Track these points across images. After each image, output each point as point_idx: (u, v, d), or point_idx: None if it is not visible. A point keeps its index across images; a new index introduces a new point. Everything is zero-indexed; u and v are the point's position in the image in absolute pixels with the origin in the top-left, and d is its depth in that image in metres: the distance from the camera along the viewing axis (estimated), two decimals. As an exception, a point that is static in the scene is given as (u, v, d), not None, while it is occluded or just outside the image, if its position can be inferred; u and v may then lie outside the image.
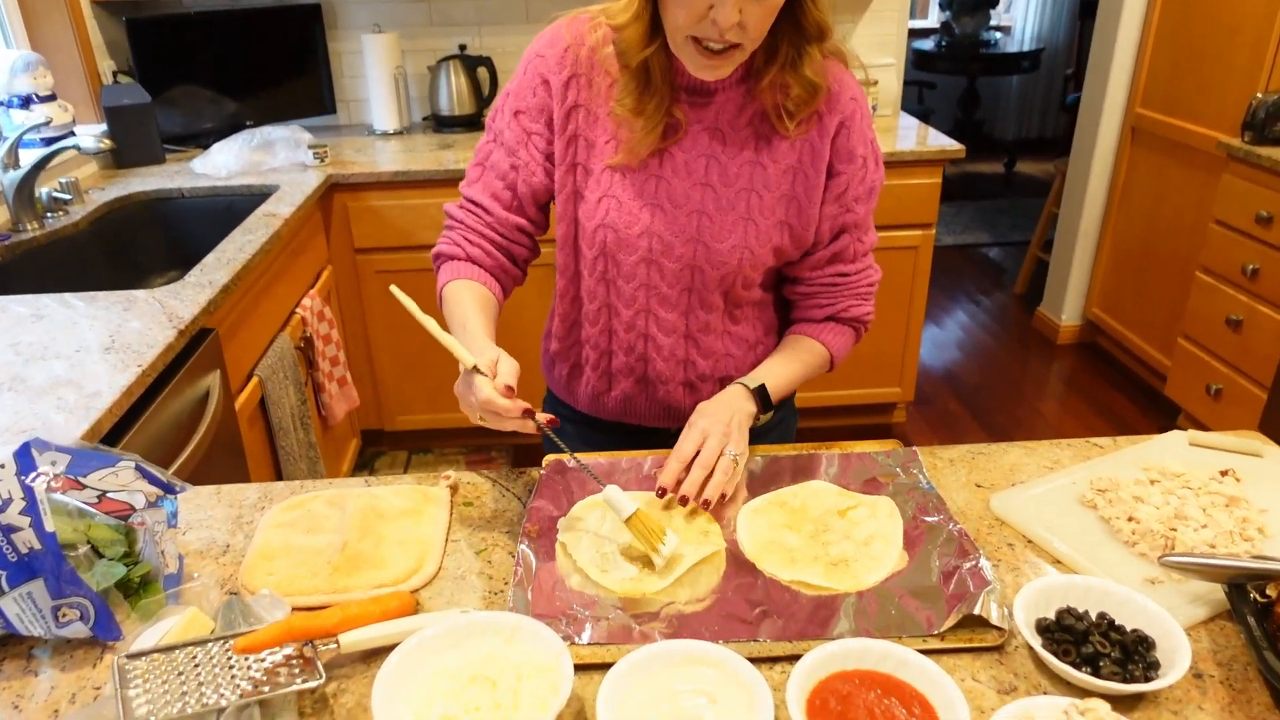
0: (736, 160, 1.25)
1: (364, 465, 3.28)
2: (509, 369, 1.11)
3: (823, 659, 0.89)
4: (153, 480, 1.03)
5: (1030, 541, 1.10)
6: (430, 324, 1.15)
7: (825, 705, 0.85)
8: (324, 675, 0.87)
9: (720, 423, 1.20)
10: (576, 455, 1.17)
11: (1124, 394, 3.72)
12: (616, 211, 1.26)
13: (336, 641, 0.91)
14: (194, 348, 1.81)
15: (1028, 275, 4.76)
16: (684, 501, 1.13)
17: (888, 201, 2.92)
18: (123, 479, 1.01)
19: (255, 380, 2.17)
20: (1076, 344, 4.16)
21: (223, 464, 1.92)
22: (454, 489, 1.22)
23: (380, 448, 3.39)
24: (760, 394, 1.28)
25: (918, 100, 7.03)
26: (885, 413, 3.52)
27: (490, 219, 1.34)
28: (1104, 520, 1.11)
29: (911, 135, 3.23)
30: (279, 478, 2.32)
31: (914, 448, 1.28)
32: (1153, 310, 3.62)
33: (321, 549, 1.08)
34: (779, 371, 1.33)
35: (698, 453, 1.17)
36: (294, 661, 0.89)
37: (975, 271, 5.14)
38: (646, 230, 1.26)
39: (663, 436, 1.41)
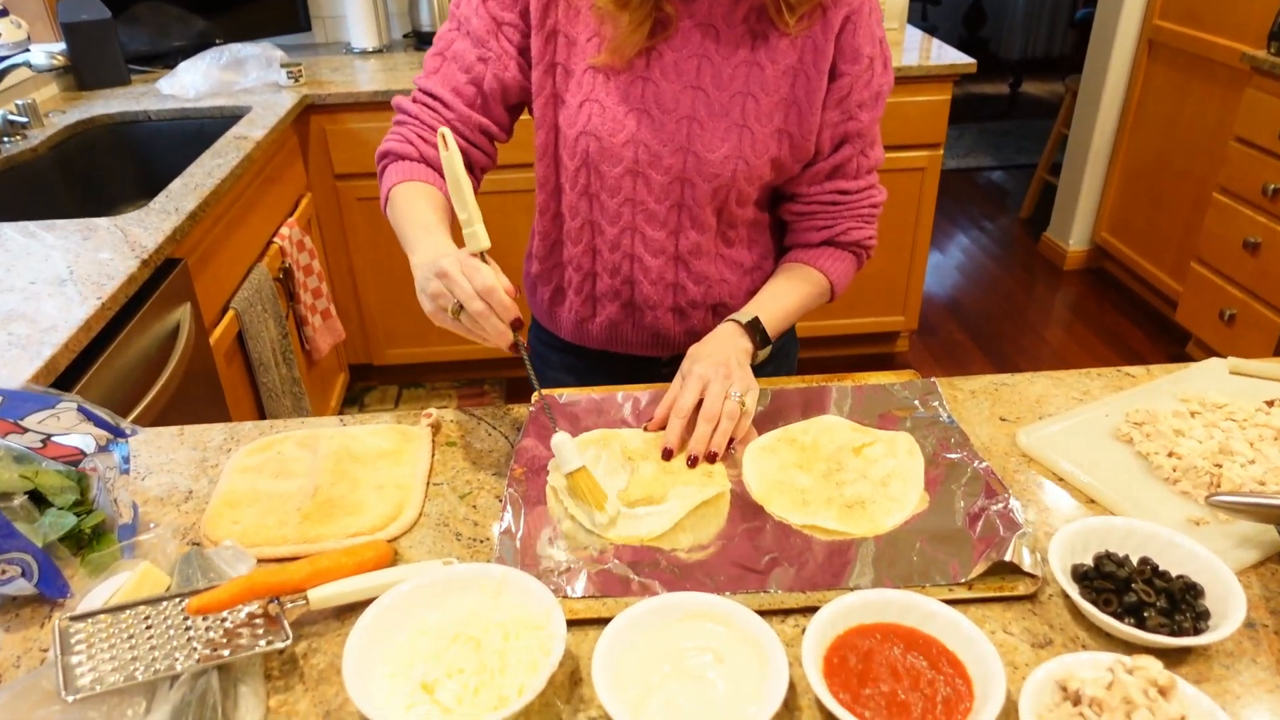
0: (731, 61, 1.13)
1: (353, 400, 3.20)
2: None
3: (841, 612, 0.80)
4: (99, 423, 0.93)
5: (1061, 479, 1.02)
6: (464, 182, 0.99)
7: (844, 663, 0.77)
8: (290, 635, 0.79)
9: (718, 365, 1.10)
10: (543, 391, 1.08)
11: (1132, 321, 3.63)
12: (600, 118, 1.14)
13: (305, 598, 0.82)
14: (160, 279, 1.69)
15: (1034, 199, 4.62)
16: (693, 462, 1.03)
17: (893, 121, 2.79)
18: (65, 422, 0.91)
19: (231, 313, 2.06)
20: (1083, 270, 4.05)
21: (199, 402, 1.83)
22: (436, 428, 1.13)
23: (369, 382, 3.30)
24: (755, 329, 1.17)
25: (921, 17, 6.78)
26: (888, 342, 3.43)
27: (450, 115, 1.19)
28: (1141, 456, 1.03)
29: (917, 50, 3.07)
30: (262, 416, 2.23)
31: (933, 379, 1.19)
32: (1165, 234, 3.50)
33: (291, 495, 0.99)
34: (775, 303, 1.22)
35: (699, 404, 1.07)
36: (258, 621, 0.80)
37: (979, 196, 5.00)
38: (632, 138, 1.14)
39: (652, 365, 1.33)
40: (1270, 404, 1.08)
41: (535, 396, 1.16)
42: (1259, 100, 2.83)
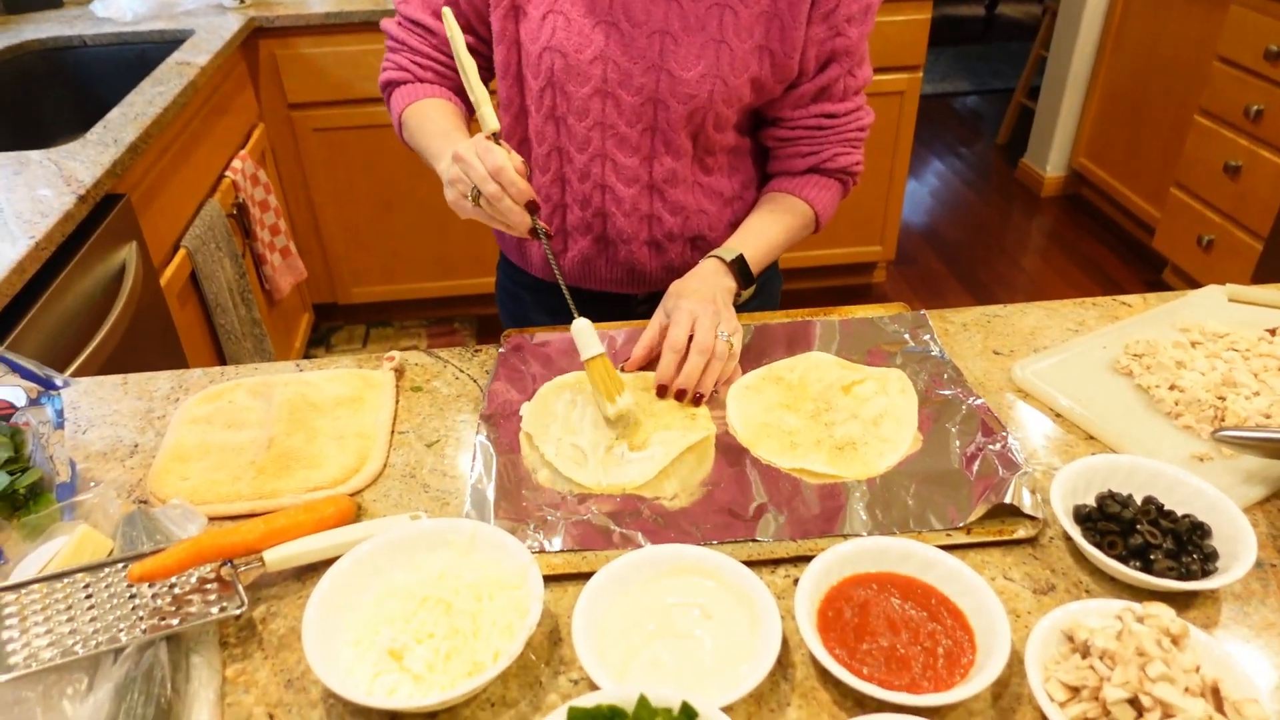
0: None
1: (318, 341, 3.10)
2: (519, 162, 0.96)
3: (834, 562, 0.76)
4: (26, 375, 0.85)
5: (1059, 415, 0.97)
6: (469, 62, 0.98)
7: (840, 616, 0.73)
8: (245, 601, 0.73)
9: (706, 302, 1.04)
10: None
11: (1109, 248, 3.60)
12: (565, 31, 1.05)
13: (261, 559, 0.76)
14: (101, 217, 1.59)
15: (1011, 124, 4.54)
16: (681, 396, 0.99)
17: (869, 41, 2.68)
18: (-12, 374, 0.84)
19: (182, 253, 1.95)
20: (1061, 196, 4.00)
21: (151, 348, 1.73)
22: (399, 372, 1.06)
23: (335, 322, 3.19)
24: (739, 267, 1.11)
25: (896, -64, 6.55)
26: (865, 273, 3.37)
27: (435, 40, 1.15)
28: (1142, 389, 0.98)
29: (898, -33, 2.94)
30: (221, 360, 2.14)
31: (923, 311, 1.13)
32: (1143, 158, 3.45)
33: (244, 447, 0.93)
34: (758, 237, 1.15)
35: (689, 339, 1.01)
36: (210, 586, 0.74)
37: (955, 122, 4.90)
38: (600, 55, 1.05)
39: (626, 303, 1.26)
40: (1273, 333, 1.03)
41: (504, 336, 1.10)
42: (1244, 18, 2.75)
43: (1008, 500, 0.82)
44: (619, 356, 1.06)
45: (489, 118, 0.96)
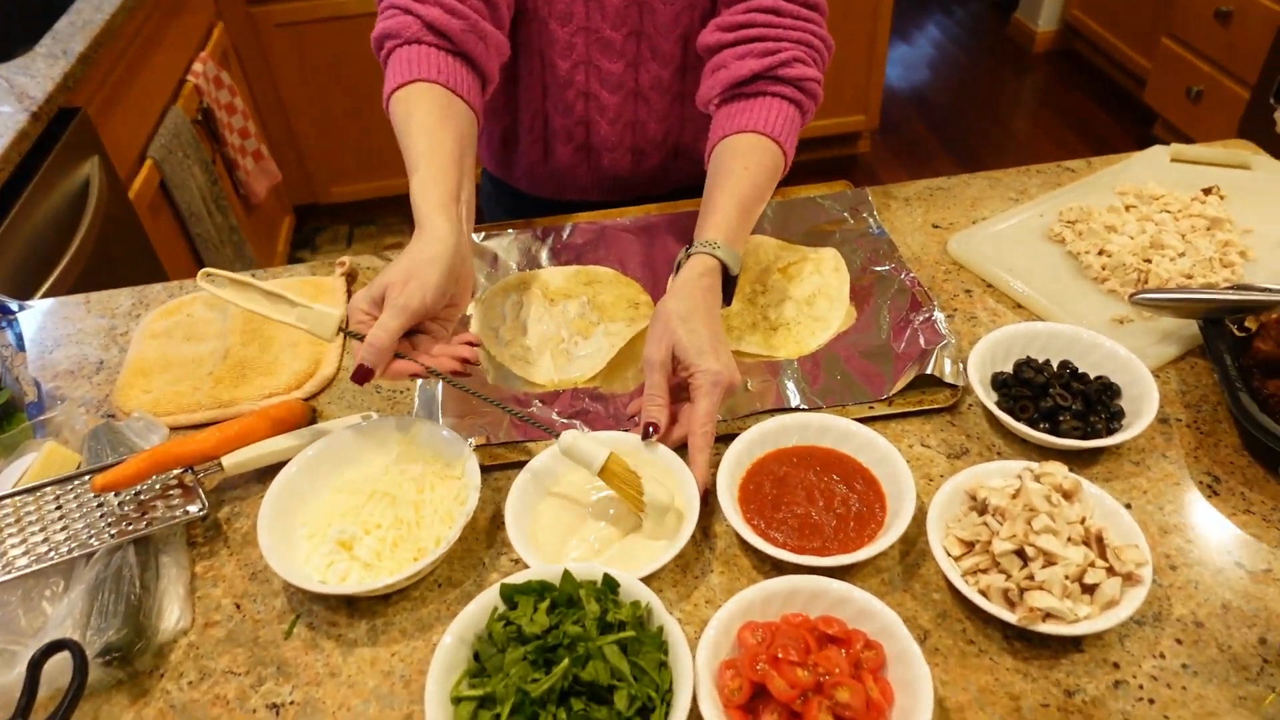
0: None
1: (303, 243, 3.11)
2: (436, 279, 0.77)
3: (756, 439, 0.80)
4: (-19, 301, 0.89)
5: (990, 286, 1.00)
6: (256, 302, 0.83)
7: (759, 490, 0.78)
8: (206, 504, 0.78)
9: (731, 370, 0.81)
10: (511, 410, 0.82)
11: (1100, 104, 3.51)
12: None
13: (219, 464, 0.81)
14: (58, 132, 1.58)
15: (1003, -24, 4.36)
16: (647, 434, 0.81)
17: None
18: (-56, 303, 0.87)
19: (149, 163, 1.95)
20: (1053, 51, 3.88)
21: (126, 262, 1.76)
22: (351, 276, 1.09)
23: (319, 222, 3.20)
24: (731, 285, 0.91)
25: None
26: (848, 144, 3.32)
27: None
28: (1072, 256, 1.00)
29: None
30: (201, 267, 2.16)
31: (864, 189, 1.14)
32: (1136, 8, 3.33)
33: (202, 359, 0.97)
34: (746, 207, 0.92)
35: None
36: (173, 492, 0.80)
37: (946, -24, 4.70)
38: None
39: (602, 209, 1.21)
40: (1207, 192, 1.04)
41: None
42: None
43: (929, 371, 0.86)
44: (561, 253, 1.08)
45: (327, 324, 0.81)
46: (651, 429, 0.80)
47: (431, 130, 0.87)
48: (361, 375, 0.75)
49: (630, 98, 1.12)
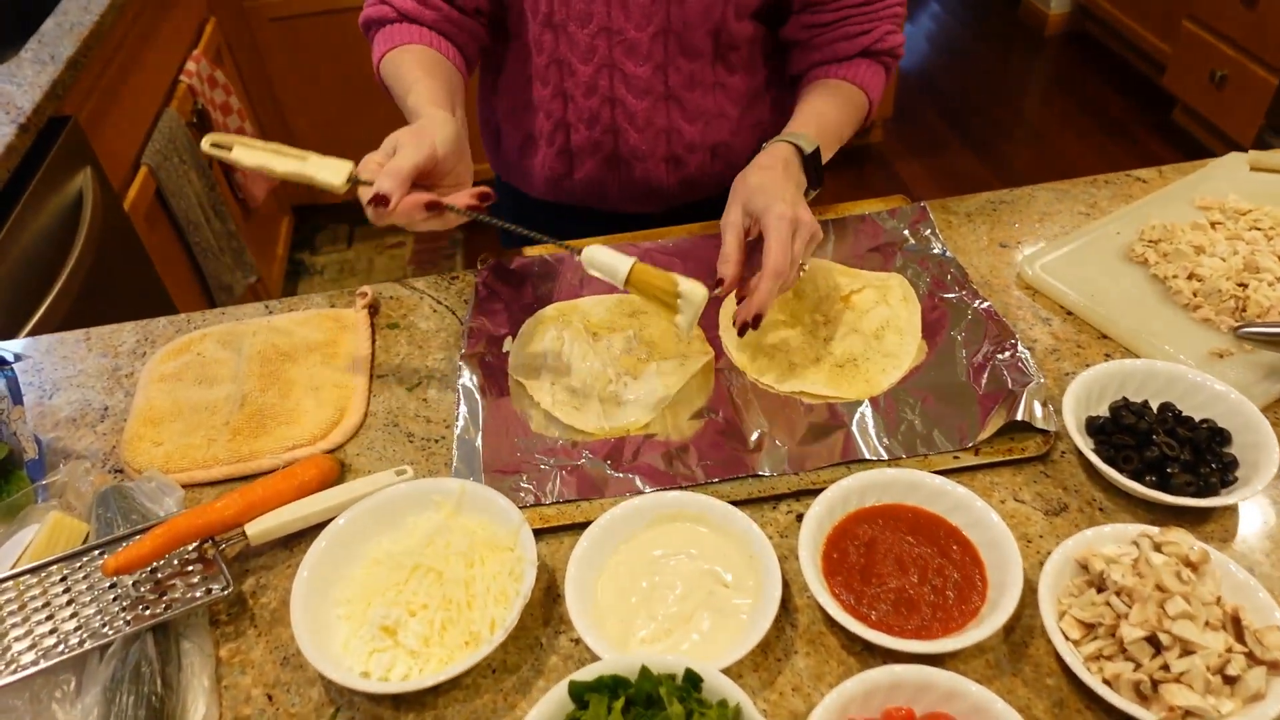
0: None
1: (302, 244, 3.01)
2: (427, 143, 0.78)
3: (839, 498, 0.73)
4: (-27, 353, 0.80)
5: (1069, 314, 0.92)
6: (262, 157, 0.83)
7: (845, 557, 0.70)
8: (230, 582, 0.70)
9: (804, 209, 0.85)
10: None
11: (1115, 88, 3.43)
12: None
13: (243, 533, 0.74)
14: (48, 144, 1.49)
15: (1012, -43, 4.26)
16: (744, 330, 0.83)
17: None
18: (-68, 356, 0.79)
19: (144, 170, 1.86)
20: (1065, 34, 3.79)
21: (123, 277, 1.67)
22: (373, 309, 1.00)
23: (318, 222, 3.10)
24: (814, 165, 0.93)
25: None
26: (860, 134, 3.22)
27: None
28: (1158, 280, 0.93)
29: None
30: (201, 279, 2.07)
31: (922, 203, 1.06)
32: (1154, -12, 3.24)
33: (217, 405, 0.89)
34: (823, 125, 0.96)
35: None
36: (193, 567, 0.72)
37: (953, -43, 4.60)
38: None
39: (643, 223, 1.13)
40: (1299, 207, 0.97)
41: (481, 260, 1.03)
42: None
43: (1019, 417, 0.78)
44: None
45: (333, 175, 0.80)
46: (719, 284, 0.83)
47: (426, 70, 0.91)
48: (377, 201, 0.74)
49: (660, 102, 1.03)
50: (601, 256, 0.78)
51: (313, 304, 1.02)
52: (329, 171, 0.79)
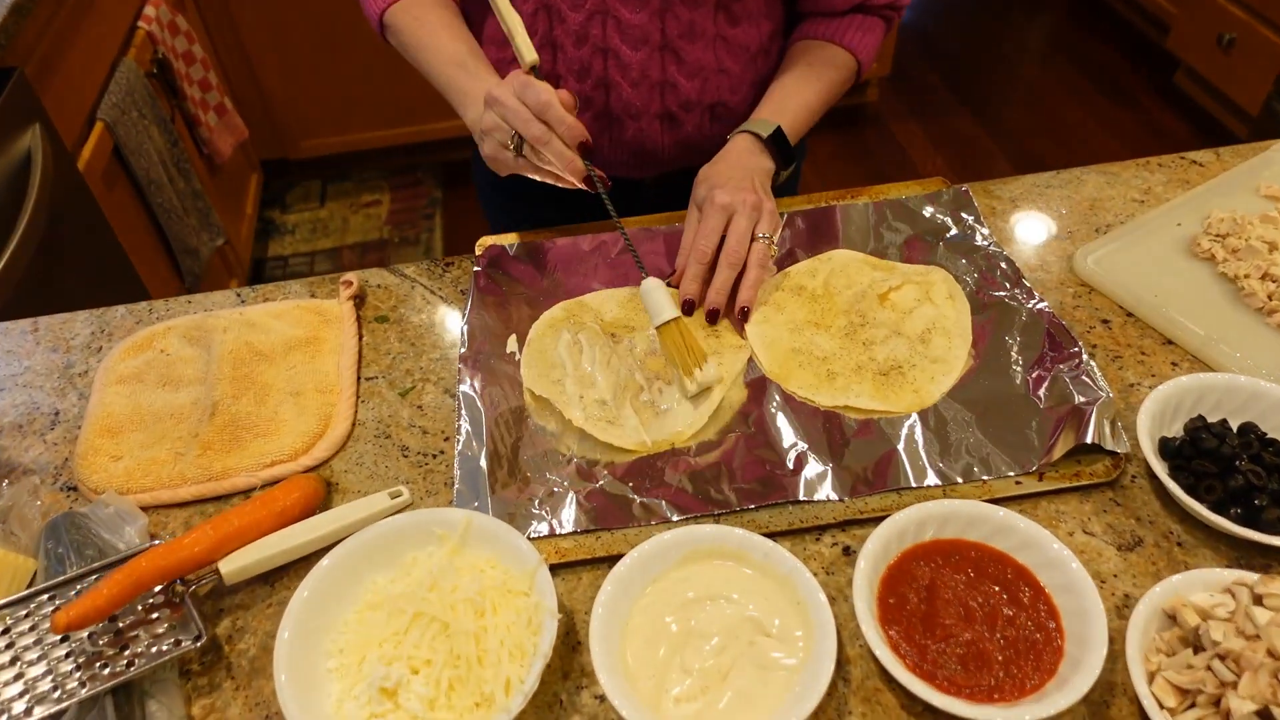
0: None
1: (271, 202, 2.86)
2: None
3: (893, 534, 0.65)
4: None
5: (1130, 315, 0.84)
6: None
7: (903, 603, 0.62)
8: (202, 630, 0.61)
9: (744, 192, 0.86)
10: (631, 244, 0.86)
11: (1117, 49, 3.33)
12: None
13: (216, 571, 0.64)
14: (-9, 99, 1.36)
15: (1011, -91, 4.11)
16: (713, 317, 0.83)
17: None
18: None
19: (99, 126, 1.71)
20: (1064, -9, 3.68)
21: (79, 242, 1.54)
22: (359, 299, 0.90)
23: (289, 179, 2.95)
24: (778, 144, 0.92)
25: None
26: (856, 93, 3.12)
27: None
28: (1226, 278, 0.85)
29: None
30: (165, 244, 1.94)
31: (964, 186, 0.97)
32: (1160, -55, 3.13)
33: (184, 412, 0.78)
34: (794, 102, 0.95)
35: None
36: (158, 614, 0.63)
37: (949, -93, 4.44)
38: None
39: (631, 190, 1.06)
40: (1376, 198, 0.89)
41: (480, 244, 0.93)
42: None
43: (1089, 439, 0.70)
44: (617, 266, 0.91)
45: (525, 49, 0.81)
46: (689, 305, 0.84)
47: (452, 35, 0.93)
48: (587, 147, 0.80)
49: (656, 53, 0.94)
50: (655, 295, 0.80)
51: (291, 293, 0.92)
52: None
